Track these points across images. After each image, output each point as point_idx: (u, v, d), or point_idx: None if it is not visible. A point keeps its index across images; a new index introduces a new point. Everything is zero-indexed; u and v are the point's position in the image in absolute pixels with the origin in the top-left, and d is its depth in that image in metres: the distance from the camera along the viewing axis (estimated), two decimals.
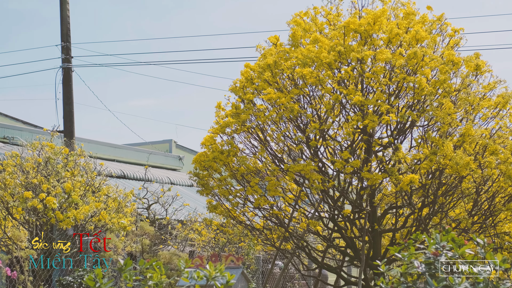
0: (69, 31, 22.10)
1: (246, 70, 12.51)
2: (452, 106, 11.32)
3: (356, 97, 11.08)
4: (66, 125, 21.64)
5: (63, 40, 22.11)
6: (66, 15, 22.10)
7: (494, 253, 6.75)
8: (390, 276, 6.93)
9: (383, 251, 12.86)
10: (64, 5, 22.09)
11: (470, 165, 10.87)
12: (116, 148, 32.15)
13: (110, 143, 32.03)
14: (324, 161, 12.50)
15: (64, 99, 21.83)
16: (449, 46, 12.47)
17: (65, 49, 22.02)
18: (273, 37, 12.82)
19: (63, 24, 22.14)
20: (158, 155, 33.84)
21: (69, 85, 21.87)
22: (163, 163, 33.66)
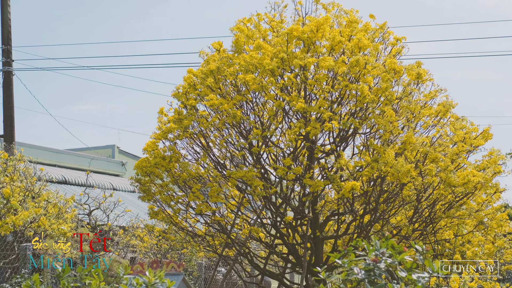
0: (10, 34, 21.81)
1: (189, 75, 12.45)
2: (393, 114, 11.41)
3: (299, 104, 11.10)
4: (6, 130, 21.32)
5: (4, 43, 21.82)
6: (7, 17, 21.80)
7: (433, 260, 6.80)
8: (332, 282, 6.94)
9: (325, 257, 12.88)
10: (5, 7, 21.80)
11: (411, 173, 10.97)
12: (57, 153, 31.75)
13: (51, 148, 31.62)
14: (267, 167, 12.50)
15: (4, 103, 21.52)
16: (391, 55, 12.59)
17: (6, 52, 21.72)
18: (216, 43, 12.79)
19: (4, 27, 21.84)
20: (101, 160, 33.50)
21: (9, 89, 21.56)
22: (105, 169, 33.33)
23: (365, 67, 11.40)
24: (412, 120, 12.04)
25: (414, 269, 6.77)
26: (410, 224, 12.25)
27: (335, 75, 11.69)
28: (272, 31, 12.73)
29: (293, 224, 12.73)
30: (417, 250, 6.95)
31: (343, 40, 11.74)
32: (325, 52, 11.96)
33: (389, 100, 11.45)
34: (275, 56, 11.52)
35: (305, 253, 12.22)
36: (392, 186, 12.07)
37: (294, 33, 11.71)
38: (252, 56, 11.62)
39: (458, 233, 13.86)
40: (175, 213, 12.85)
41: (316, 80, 11.54)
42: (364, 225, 12.18)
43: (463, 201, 12.37)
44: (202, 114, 12.39)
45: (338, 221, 13.04)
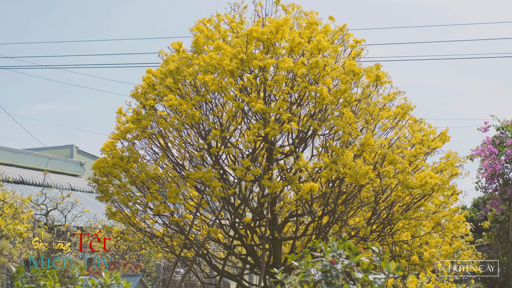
0: None
1: (148, 75, 12.39)
2: (352, 115, 11.45)
3: (258, 105, 11.10)
4: None
5: None
6: None
7: (391, 261, 6.83)
8: (292, 284, 6.95)
9: (284, 259, 12.90)
10: None
11: (369, 174, 11.02)
12: (15, 153, 31.39)
13: (8, 148, 31.25)
14: (226, 168, 12.48)
15: None
16: (350, 57, 12.63)
17: None
18: (176, 43, 12.74)
19: None
20: (59, 160, 33.19)
21: None
22: (63, 169, 33.03)
23: (324, 68, 11.43)
24: (370, 122, 12.08)
25: (371, 270, 6.79)
26: (368, 225, 12.30)
27: (294, 77, 11.70)
28: (232, 32, 12.71)
29: (252, 225, 12.73)
30: (374, 251, 6.99)
31: (303, 41, 11.75)
32: (285, 53, 11.97)
33: (348, 102, 11.49)
34: (234, 57, 11.50)
35: (263, 254, 12.21)
36: (351, 187, 12.11)
37: (253, 34, 11.70)
38: (212, 57, 11.59)
39: (416, 235, 13.98)
40: (133, 214, 12.78)
41: (276, 82, 11.54)
42: (322, 227, 12.21)
43: (421, 203, 12.45)
44: (161, 115, 12.33)
45: (297, 222, 13.06)
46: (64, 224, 19.15)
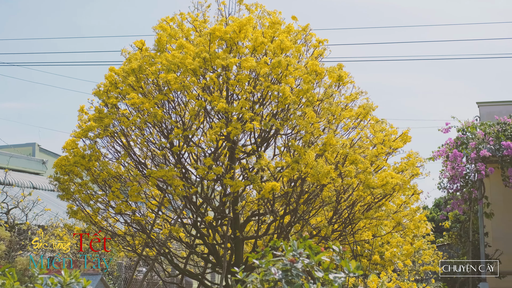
0: None
1: (110, 74, 12.33)
2: (314, 115, 11.49)
3: (220, 104, 11.10)
4: None
5: None
6: None
7: (351, 260, 6.85)
8: (253, 283, 6.95)
9: (246, 258, 12.90)
10: None
11: (330, 174, 11.06)
12: None
13: None
14: (188, 167, 12.46)
15: None
16: (313, 56, 12.68)
17: None
18: (138, 41, 12.70)
19: None
20: (20, 158, 32.92)
21: None
22: (25, 167, 32.77)
23: (287, 68, 11.46)
24: (333, 121, 12.14)
25: (332, 270, 6.82)
26: (329, 225, 12.35)
27: (257, 76, 11.71)
28: (195, 30, 12.70)
29: (214, 224, 12.73)
30: (334, 250, 7.02)
31: (266, 41, 11.77)
32: (248, 52, 11.98)
33: (311, 101, 11.53)
34: (197, 56, 11.49)
35: (225, 253, 12.22)
36: (312, 187, 12.16)
37: (217, 33, 11.70)
38: (174, 56, 11.57)
39: (377, 234, 14.06)
40: (95, 213, 12.71)
41: (238, 81, 11.55)
42: (284, 226, 12.24)
43: (382, 203, 12.54)
44: (123, 113, 12.29)
45: (259, 222, 13.08)
46: (25, 222, 19.00)
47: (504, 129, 20.70)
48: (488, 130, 20.98)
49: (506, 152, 19.74)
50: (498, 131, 20.74)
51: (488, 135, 20.76)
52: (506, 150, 19.75)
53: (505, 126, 20.83)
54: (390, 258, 14.72)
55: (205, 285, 13.46)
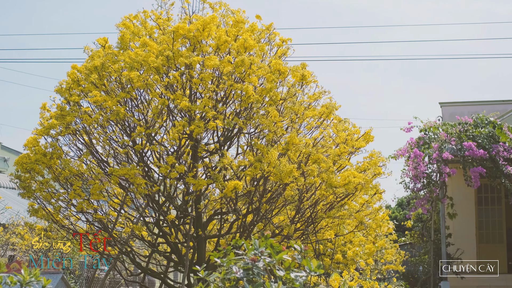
0: None
1: (73, 71, 12.24)
2: (278, 114, 11.51)
3: (183, 102, 11.07)
4: None
5: None
6: None
7: (313, 259, 6.87)
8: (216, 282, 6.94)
9: (208, 256, 12.88)
10: None
11: (293, 173, 11.07)
12: None
13: None
14: (151, 165, 12.42)
15: None
16: (276, 56, 12.69)
17: None
18: (101, 39, 12.62)
19: None
20: None
21: None
22: None
23: (250, 67, 11.46)
24: (296, 121, 12.17)
25: (293, 268, 6.84)
26: (292, 224, 12.37)
27: (220, 75, 11.71)
28: (158, 28, 12.65)
29: (176, 223, 12.69)
30: (296, 249, 7.04)
31: (229, 39, 11.77)
32: (211, 51, 11.97)
33: (274, 100, 11.54)
34: (160, 54, 11.46)
35: (187, 251, 12.19)
36: (275, 186, 12.17)
37: (180, 32, 11.67)
38: (138, 53, 11.53)
39: (339, 233, 14.11)
40: (56, 211, 12.61)
41: (202, 79, 11.53)
42: (247, 225, 12.24)
43: (344, 202, 12.59)
44: (86, 111, 12.21)
45: (221, 221, 13.07)
46: None
47: (465, 130, 20.88)
48: (450, 131, 21.15)
49: (467, 152, 19.91)
50: (460, 131, 20.91)
51: (450, 136, 20.92)
52: (468, 150, 19.92)
53: (467, 127, 21.01)
54: (352, 257, 14.78)
55: (167, 284, 13.42)
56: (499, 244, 24.64)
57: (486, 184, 22.89)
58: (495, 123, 20.94)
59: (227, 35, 11.91)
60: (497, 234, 24.71)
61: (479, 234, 24.67)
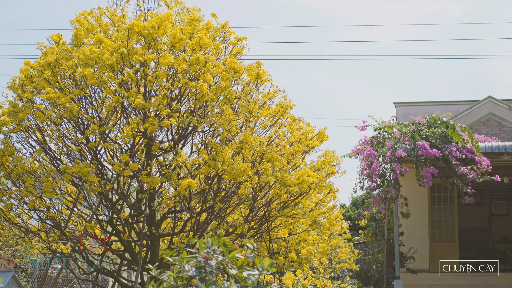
0: None
1: (26, 67, 12.11)
2: (232, 113, 11.51)
3: (137, 100, 11.02)
4: None
5: None
6: None
7: (267, 258, 6.89)
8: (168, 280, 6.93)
9: (162, 255, 12.84)
10: None
11: (247, 172, 11.08)
12: None
13: None
14: (104, 163, 12.34)
15: None
16: (232, 54, 12.69)
17: None
18: (55, 35, 12.50)
19: None
20: None
21: None
22: None
23: (205, 65, 11.44)
24: (250, 119, 12.18)
25: (246, 267, 6.85)
26: (246, 222, 12.38)
27: (175, 73, 11.67)
28: (113, 25, 12.57)
29: (130, 221, 12.63)
30: (249, 248, 7.05)
31: (184, 37, 11.74)
32: (166, 49, 11.93)
33: (228, 99, 11.54)
34: (115, 51, 11.39)
35: (140, 250, 12.13)
36: (229, 184, 12.17)
37: (135, 29, 11.61)
38: (92, 50, 11.45)
39: (293, 232, 14.16)
40: (8, 209, 12.48)
41: (156, 77, 11.49)
42: (200, 223, 12.23)
43: (298, 201, 12.62)
44: (39, 108, 12.09)
45: (175, 219, 13.03)
46: None
47: (419, 129, 21.06)
48: (404, 130, 21.32)
49: (421, 152, 20.09)
50: (414, 131, 21.09)
51: (404, 135, 21.10)
52: (421, 150, 20.10)
53: (420, 126, 21.20)
54: (306, 256, 14.84)
55: (120, 282, 13.35)
56: (451, 243, 24.93)
57: (439, 184, 23.16)
58: (448, 123, 21.16)
59: (182, 33, 11.88)
60: (450, 233, 25.01)
61: (432, 233, 24.95)
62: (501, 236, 30.58)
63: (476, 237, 31.25)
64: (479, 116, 26.16)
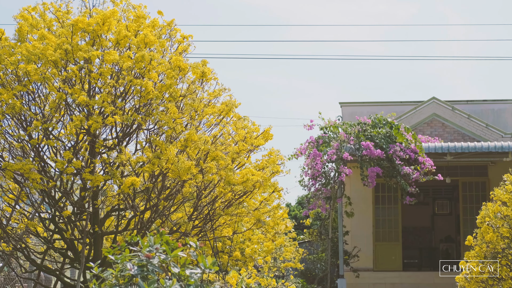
0: None
1: None
2: (177, 111, 11.48)
3: (81, 97, 10.92)
4: None
5: None
6: None
7: (210, 257, 6.90)
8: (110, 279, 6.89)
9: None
10: None
11: (191, 170, 11.07)
12: None
13: None
14: (47, 160, 12.21)
15: None
16: (177, 52, 12.66)
17: None
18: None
19: None
20: None
21: None
22: None
23: (150, 63, 11.40)
24: (195, 118, 12.16)
25: (188, 265, 6.85)
26: (190, 221, 12.37)
27: (120, 70, 11.60)
28: (58, 21, 12.44)
29: (73, 219, 12.53)
30: (191, 246, 7.05)
31: (130, 35, 11.67)
32: (111, 46, 11.84)
33: (173, 97, 11.51)
34: (59, 47, 11.28)
35: (83, 248, 12.04)
36: (174, 183, 12.14)
37: (79, 25, 11.51)
38: (35, 46, 11.32)
39: (238, 231, 14.19)
40: None
41: (101, 74, 11.40)
42: (144, 222, 12.18)
43: (243, 199, 12.65)
44: None
45: (119, 217, 12.96)
46: None
47: (364, 130, 21.28)
48: (349, 130, 21.51)
49: (365, 152, 20.30)
50: (359, 131, 21.29)
51: (349, 135, 21.28)
52: (366, 150, 20.30)
53: (365, 127, 21.42)
54: (250, 255, 14.88)
55: (63, 281, 13.24)
56: (395, 243, 25.26)
57: (383, 183, 23.44)
58: (393, 124, 21.41)
59: (127, 30, 11.81)
60: (393, 232, 25.32)
61: (376, 232, 25.25)
62: (444, 236, 31.06)
63: (420, 236, 31.71)
64: (423, 117, 26.53)
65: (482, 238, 12.75)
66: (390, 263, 25.04)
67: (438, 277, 23.58)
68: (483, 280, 12.57)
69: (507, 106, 28.12)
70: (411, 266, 27.69)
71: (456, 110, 26.47)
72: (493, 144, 21.68)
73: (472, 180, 25.51)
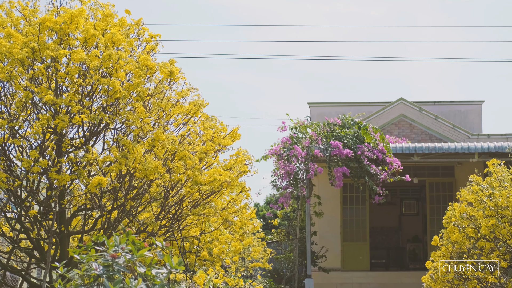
0: None
1: None
2: (144, 110, 11.46)
3: (48, 96, 10.86)
4: None
5: None
6: None
7: (178, 256, 6.90)
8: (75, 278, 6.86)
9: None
10: None
11: (159, 170, 11.05)
12: None
13: None
14: (13, 159, 12.12)
15: None
16: (145, 51, 12.63)
17: None
18: None
19: None
20: None
21: None
22: None
23: (118, 62, 11.36)
24: (163, 117, 12.15)
25: (154, 265, 6.85)
26: (157, 221, 12.34)
27: (87, 69, 11.55)
28: (24, 19, 12.36)
29: (39, 218, 12.44)
30: (158, 246, 7.04)
31: (97, 33, 11.62)
32: (79, 45, 11.79)
33: (141, 96, 11.48)
34: (26, 46, 11.21)
35: (49, 248, 11.97)
36: (141, 182, 12.11)
37: (47, 23, 11.44)
38: (1, 44, 11.23)
39: (205, 231, 14.18)
40: None
41: (68, 73, 11.34)
42: (111, 221, 12.13)
43: (210, 199, 12.65)
44: None
45: (85, 217, 12.89)
46: None
47: (332, 130, 21.34)
48: (318, 130, 21.57)
49: (334, 151, 20.36)
50: (328, 131, 21.35)
51: (318, 135, 21.34)
52: (334, 149, 20.36)
53: (334, 127, 21.48)
54: (218, 255, 14.87)
55: (28, 281, 13.15)
56: (363, 243, 25.37)
57: (351, 183, 23.53)
58: (361, 124, 21.51)
59: (95, 28, 11.76)
60: (361, 232, 25.44)
61: (344, 232, 25.35)
62: (411, 236, 31.25)
63: (387, 236, 31.87)
64: (391, 117, 26.68)
65: (448, 238, 12.84)
66: (358, 263, 25.16)
67: (405, 277, 23.75)
68: (449, 280, 12.66)
69: (473, 108, 28.38)
70: (379, 266, 27.83)
71: (424, 111, 26.66)
72: (459, 145, 21.86)
73: (439, 180, 25.71)
